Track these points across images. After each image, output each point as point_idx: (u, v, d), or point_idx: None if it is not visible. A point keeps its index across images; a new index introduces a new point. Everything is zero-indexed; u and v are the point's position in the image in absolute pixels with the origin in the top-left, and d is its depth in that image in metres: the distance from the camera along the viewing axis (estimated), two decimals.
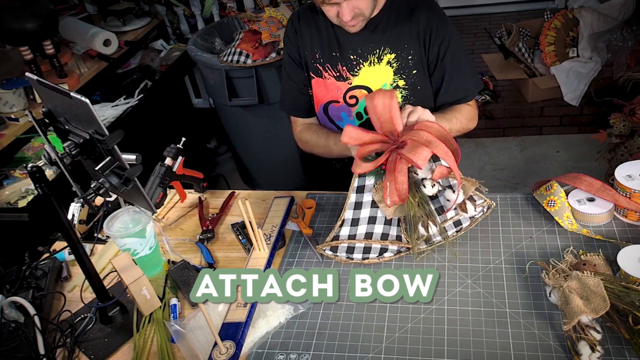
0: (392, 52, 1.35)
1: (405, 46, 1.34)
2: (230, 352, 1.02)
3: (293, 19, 1.44)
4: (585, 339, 0.94)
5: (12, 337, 1.13)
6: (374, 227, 1.22)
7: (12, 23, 2.13)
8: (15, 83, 2.20)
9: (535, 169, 2.86)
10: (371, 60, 1.36)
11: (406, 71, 1.36)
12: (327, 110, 1.46)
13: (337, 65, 1.39)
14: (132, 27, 2.92)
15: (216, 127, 2.93)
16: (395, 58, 1.35)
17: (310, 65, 1.43)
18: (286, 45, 1.47)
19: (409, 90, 1.39)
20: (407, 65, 1.36)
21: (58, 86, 1.01)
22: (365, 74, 1.38)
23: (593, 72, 2.88)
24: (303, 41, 1.42)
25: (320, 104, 1.46)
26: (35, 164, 1.08)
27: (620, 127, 2.24)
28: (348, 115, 1.44)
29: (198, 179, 1.48)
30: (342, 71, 1.39)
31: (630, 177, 1.19)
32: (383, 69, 1.37)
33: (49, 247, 1.41)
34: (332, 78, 1.41)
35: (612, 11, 2.80)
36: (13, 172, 2.06)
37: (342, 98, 1.42)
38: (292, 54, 1.45)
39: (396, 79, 1.38)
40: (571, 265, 1.07)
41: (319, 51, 1.40)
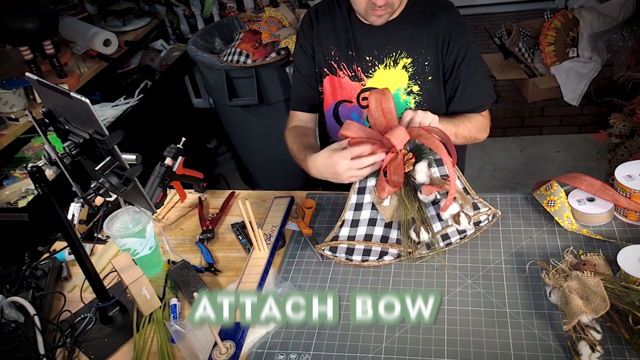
0: (408, 57, 1.34)
1: (422, 51, 1.33)
2: (230, 352, 1.02)
3: (311, 13, 1.43)
4: (585, 339, 0.94)
5: (12, 337, 1.13)
6: (373, 229, 1.21)
7: (12, 23, 2.13)
8: (15, 83, 2.20)
9: (535, 169, 2.86)
10: (387, 63, 1.35)
11: (421, 77, 1.35)
12: (338, 110, 1.45)
13: (353, 64, 1.38)
14: (132, 27, 2.92)
15: (216, 127, 2.93)
16: (411, 63, 1.34)
17: (324, 62, 1.41)
18: (300, 37, 1.45)
19: (422, 97, 1.37)
20: (423, 71, 1.34)
21: (58, 86, 1.01)
22: (380, 76, 1.37)
23: (593, 72, 2.88)
24: (319, 36, 1.40)
25: (332, 102, 1.45)
26: (35, 164, 1.08)
27: (620, 127, 2.24)
28: (359, 117, 1.43)
29: (198, 179, 1.48)
30: (357, 71, 1.38)
31: (630, 177, 1.19)
32: (398, 73, 1.36)
33: (49, 247, 1.40)
34: (346, 77, 1.40)
35: (612, 11, 2.80)
36: (13, 172, 2.06)
37: (356, 99, 1.41)
38: (304, 46, 1.43)
39: (410, 84, 1.36)
40: (571, 265, 1.07)
41: (335, 48, 1.38)
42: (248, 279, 1.17)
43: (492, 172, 2.90)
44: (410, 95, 1.38)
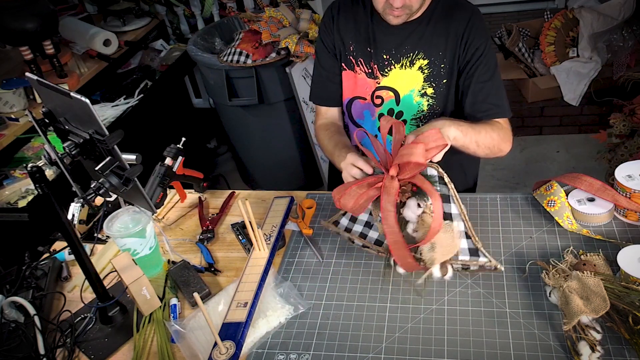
0: (425, 58, 1.33)
1: (439, 53, 1.32)
2: (230, 352, 1.02)
3: (332, 7, 1.43)
4: (585, 339, 0.94)
5: (12, 337, 1.13)
6: (369, 231, 1.24)
7: (12, 23, 2.13)
8: (15, 83, 2.20)
9: (535, 169, 2.86)
10: (403, 63, 1.35)
11: (437, 79, 1.34)
12: (351, 106, 1.45)
13: (370, 61, 1.38)
14: (132, 27, 2.92)
15: (216, 127, 2.93)
16: (427, 65, 1.33)
17: (343, 57, 1.42)
18: (321, 32, 1.45)
19: (436, 100, 1.37)
20: (439, 74, 1.33)
21: (58, 86, 1.01)
22: (395, 76, 1.37)
23: (593, 72, 2.88)
24: (339, 31, 1.40)
25: (346, 98, 1.45)
26: (35, 164, 1.08)
27: (620, 127, 2.24)
28: (371, 115, 1.43)
29: (198, 179, 1.48)
30: (374, 69, 1.38)
31: (630, 177, 1.19)
32: (414, 74, 1.35)
33: (49, 247, 1.41)
34: (363, 74, 1.40)
35: (612, 11, 2.81)
36: (13, 172, 2.06)
37: (370, 96, 1.41)
38: (325, 41, 1.44)
39: (425, 86, 1.36)
40: (571, 265, 1.07)
41: (354, 44, 1.39)
42: (248, 279, 1.18)
43: (492, 172, 2.90)
44: (424, 97, 1.37)
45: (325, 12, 1.46)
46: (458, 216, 1.11)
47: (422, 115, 1.40)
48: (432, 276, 1.07)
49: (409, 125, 1.42)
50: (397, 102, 1.40)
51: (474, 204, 1.32)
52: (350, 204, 1.11)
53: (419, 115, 1.40)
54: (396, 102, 1.40)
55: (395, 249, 1.07)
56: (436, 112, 1.38)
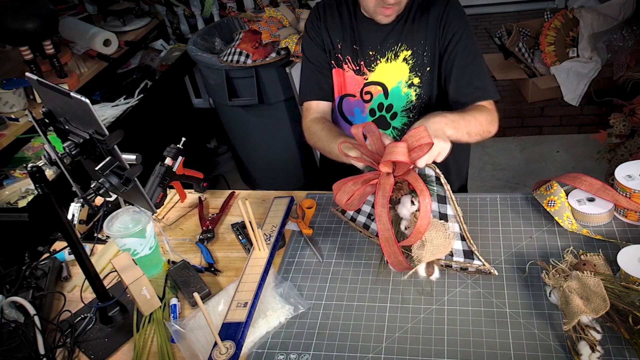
0: (408, 49, 1.35)
1: (421, 42, 1.34)
2: (230, 352, 1.02)
3: (318, 7, 1.44)
4: (585, 339, 0.94)
5: (12, 337, 1.13)
6: (371, 223, 1.25)
7: (12, 23, 2.13)
8: (15, 83, 2.20)
9: (535, 169, 2.86)
10: (388, 57, 1.37)
11: (421, 68, 1.36)
12: (342, 104, 1.46)
13: (357, 59, 1.40)
14: (132, 27, 2.93)
15: (216, 127, 2.93)
16: (411, 55, 1.35)
17: (332, 55, 1.43)
18: (308, 29, 1.46)
19: (423, 89, 1.38)
20: (422, 63, 1.36)
21: (58, 86, 1.01)
22: (381, 70, 1.38)
23: (593, 72, 2.88)
24: (327, 29, 1.42)
25: (337, 96, 1.46)
26: (35, 164, 1.08)
27: (620, 127, 2.24)
28: (361, 112, 1.44)
29: (198, 179, 1.48)
30: (361, 65, 1.40)
31: (630, 177, 1.19)
32: (399, 66, 1.37)
33: (49, 247, 1.41)
34: (351, 71, 1.42)
35: (612, 11, 2.80)
36: (13, 172, 2.06)
37: (359, 93, 1.42)
38: (314, 38, 1.44)
39: (411, 76, 1.38)
40: (571, 265, 1.07)
41: (341, 42, 1.41)
42: (248, 279, 1.18)
43: (492, 172, 2.90)
44: (411, 88, 1.39)
45: (311, 11, 1.47)
46: (453, 217, 1.11)
47: (411, 106, 1.41)
48: (417, 275, 1.09)
49: (399, 117, 1.43)
50: (385, 95, 1.41)
51: (474, 204, 1.32)
52: (345, 200, 1.13)
53: (408, 106, 1.41)
54: (385, 95, 1.41)
55: (386, 246, 1.08)
56: (424, 101, 1.39)
